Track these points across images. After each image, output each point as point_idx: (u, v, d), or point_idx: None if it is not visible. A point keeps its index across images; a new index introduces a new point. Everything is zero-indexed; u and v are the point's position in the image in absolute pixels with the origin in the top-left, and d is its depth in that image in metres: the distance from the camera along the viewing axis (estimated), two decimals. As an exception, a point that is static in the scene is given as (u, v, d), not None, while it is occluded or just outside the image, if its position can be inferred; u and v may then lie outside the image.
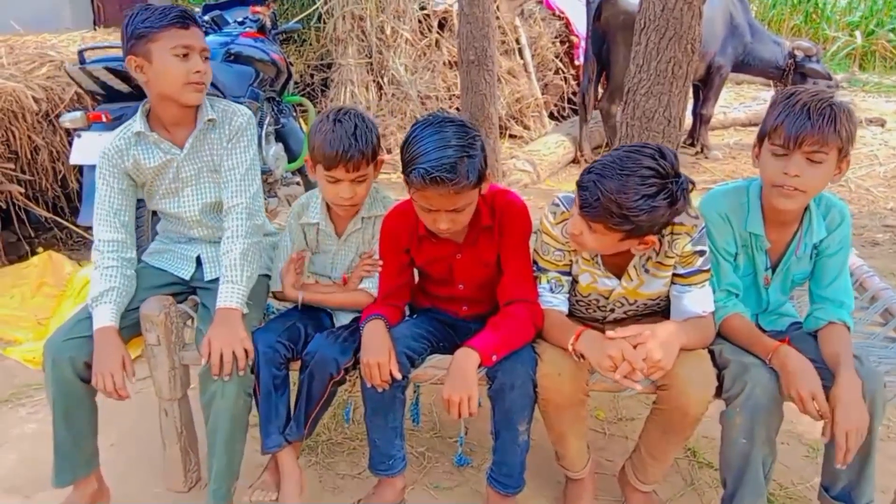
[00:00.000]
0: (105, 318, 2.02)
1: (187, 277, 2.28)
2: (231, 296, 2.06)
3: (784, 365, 1.84)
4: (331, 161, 2.00)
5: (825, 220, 1.98)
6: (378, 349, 1.95)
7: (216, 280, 2.14)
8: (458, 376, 1.89)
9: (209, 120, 2.13)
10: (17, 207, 3.82)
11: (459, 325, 2.20)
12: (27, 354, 3.10)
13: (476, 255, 2.08)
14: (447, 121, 1.88)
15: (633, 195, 1.68)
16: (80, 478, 2.12)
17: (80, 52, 2.85)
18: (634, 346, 1.78)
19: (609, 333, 1.83)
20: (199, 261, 2.28)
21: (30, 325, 3.36)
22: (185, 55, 1.99)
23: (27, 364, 3.07)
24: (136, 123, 2.11)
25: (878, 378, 1.85)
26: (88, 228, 4.11)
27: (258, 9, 4.29)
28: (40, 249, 3.95)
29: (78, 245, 4.33)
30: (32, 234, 4.09)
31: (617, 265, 1.99)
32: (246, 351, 1.99)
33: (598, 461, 2.39)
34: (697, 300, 1.96)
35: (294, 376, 2.16)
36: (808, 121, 1.76)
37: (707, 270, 1.96)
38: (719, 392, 1.91)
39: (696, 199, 2.15)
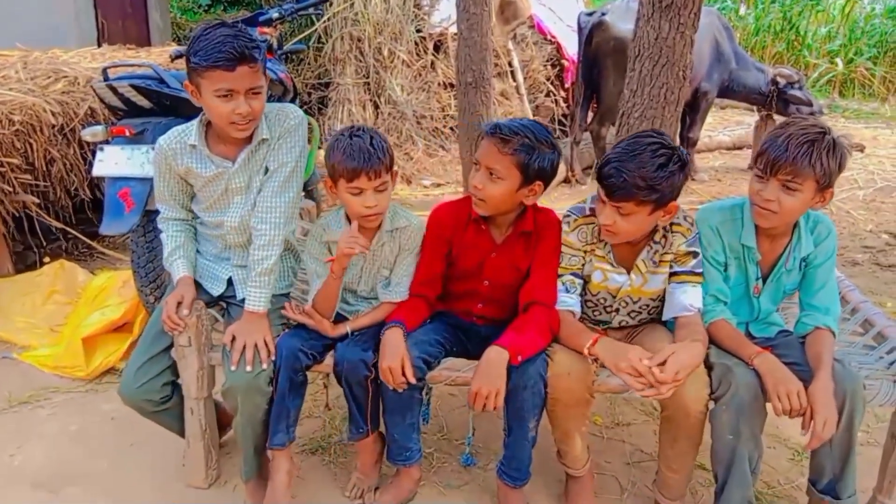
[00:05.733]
0: (181, 270, 2.31)
1: (216, 294, 2.38)
2: (259, 300, 2.19)
3: (766, 370, 2.00)
4: (354, 172, 2.08)
5: (812, 235, 2.17)
6: (392, 355, 2.07)
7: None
8: (488, 372, 2.03)
9: (262, 140, 2.19)
10: (29, 217, 3.92)
11: (472, 330, 2.34)
12: (42, 359, 3.20)
13: (510, 258, 2.24)
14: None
15: (651, 166, 1.97)
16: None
17: (104, 70, 2.98)
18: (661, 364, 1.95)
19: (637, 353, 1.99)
20: (229, 281, 2.37)
21: (43, 331, 3.45)
22: (228, 96, 2.02)
23: (42, 368, 3.17)
24: (192, 136, 2.18)
25: (857, 378, 2.03)
26: (103, 238, 4.21)
27: (266, 30, 4.40)
28: (47, 259, 4.02)
29: (84, 255, 4.41)
30: (43, 244, 4.18)
31: (627, 259, 2.19)
32: (267, 344, 2.13)
33: (597, 462, 2.53)
34: (690, 295, 2.15)
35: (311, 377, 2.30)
36: (786, 152, 1.97)
37: (699, 274, 2.17)
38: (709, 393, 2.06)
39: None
